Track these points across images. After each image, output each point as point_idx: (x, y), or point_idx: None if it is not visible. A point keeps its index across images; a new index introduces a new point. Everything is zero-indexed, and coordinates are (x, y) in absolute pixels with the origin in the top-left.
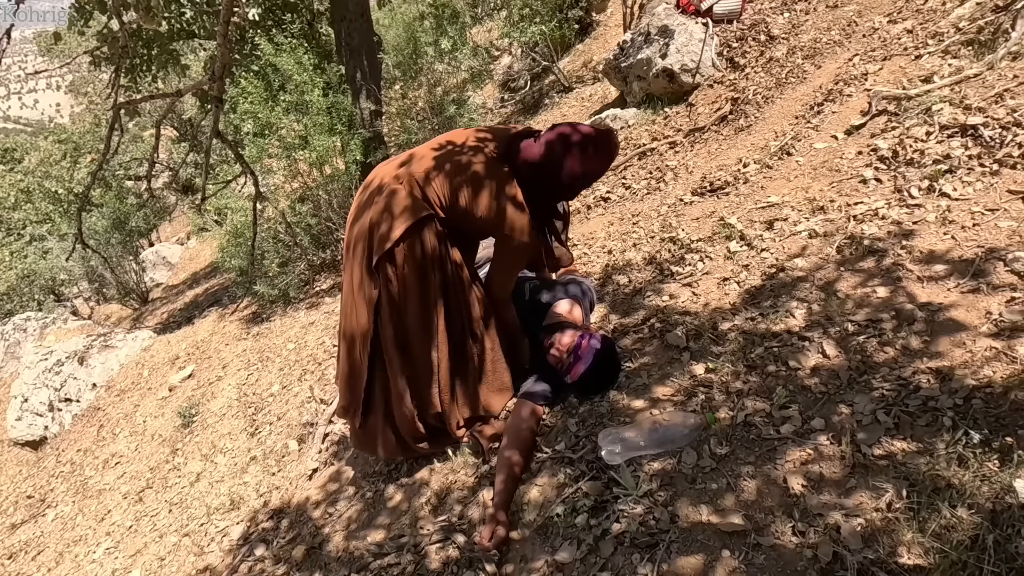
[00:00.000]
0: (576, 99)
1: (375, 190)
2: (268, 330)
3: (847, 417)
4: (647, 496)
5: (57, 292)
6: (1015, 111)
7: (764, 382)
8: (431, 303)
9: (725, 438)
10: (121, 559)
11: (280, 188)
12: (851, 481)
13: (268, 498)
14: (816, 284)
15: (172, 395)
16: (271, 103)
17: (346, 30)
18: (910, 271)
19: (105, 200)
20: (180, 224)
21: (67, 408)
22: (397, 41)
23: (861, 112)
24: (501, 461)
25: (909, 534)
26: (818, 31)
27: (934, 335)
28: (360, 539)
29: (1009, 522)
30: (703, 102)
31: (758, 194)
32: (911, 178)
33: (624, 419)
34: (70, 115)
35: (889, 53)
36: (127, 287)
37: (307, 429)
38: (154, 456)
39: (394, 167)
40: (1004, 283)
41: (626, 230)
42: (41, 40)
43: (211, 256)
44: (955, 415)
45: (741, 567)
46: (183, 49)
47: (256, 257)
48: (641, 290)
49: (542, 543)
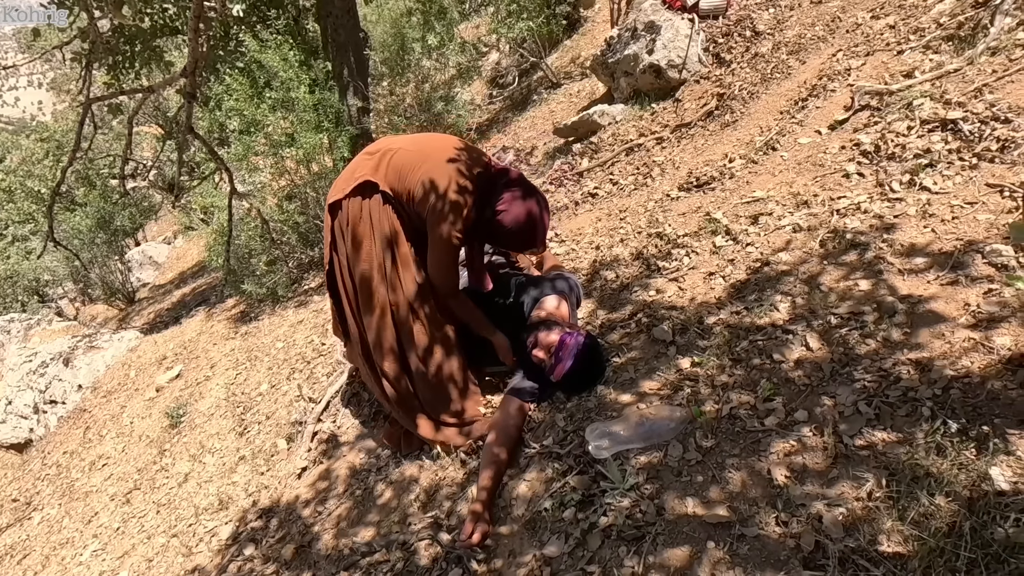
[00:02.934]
0: (564, 95)
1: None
2: (256, 329)
3: (830, 409)
4: (634, 489)
5: (41, 293)
6: (994, 106)
7: (749, 375)
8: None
9: (711, 431)
10: (109, 561)
11: (267, 186)
12: (833, 471)
13: (257, 497)
14: (800, 278)
15: (159, 395)
16: (257, 100)
17: (332, 26)
18: (891, 264)
19: (89, 199)
20: (167, 223)
21: (52, 410)
22: (384, 37)
23: (844, 107)
24: (488, 456)
25: (889, 522)
26: (803, 27)
27: (914, 327)
28: (350, 537)
29: (985, 509)
30: (690, 98)
31: (743, 189)
32: (893, 172)
33: (611, 413)
34: (52, 113)
35: (872, 49)
36: (112, 287)
37: (296, 428)
38: (141, 457)
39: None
40: (982, 275)
41: (613, 226)
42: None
43: (198, 255)
44: (934, 405)
45: (726, 558)
46: (167, 46)
47: (243, 256)
48: (628, 285)
49: (530, 537)
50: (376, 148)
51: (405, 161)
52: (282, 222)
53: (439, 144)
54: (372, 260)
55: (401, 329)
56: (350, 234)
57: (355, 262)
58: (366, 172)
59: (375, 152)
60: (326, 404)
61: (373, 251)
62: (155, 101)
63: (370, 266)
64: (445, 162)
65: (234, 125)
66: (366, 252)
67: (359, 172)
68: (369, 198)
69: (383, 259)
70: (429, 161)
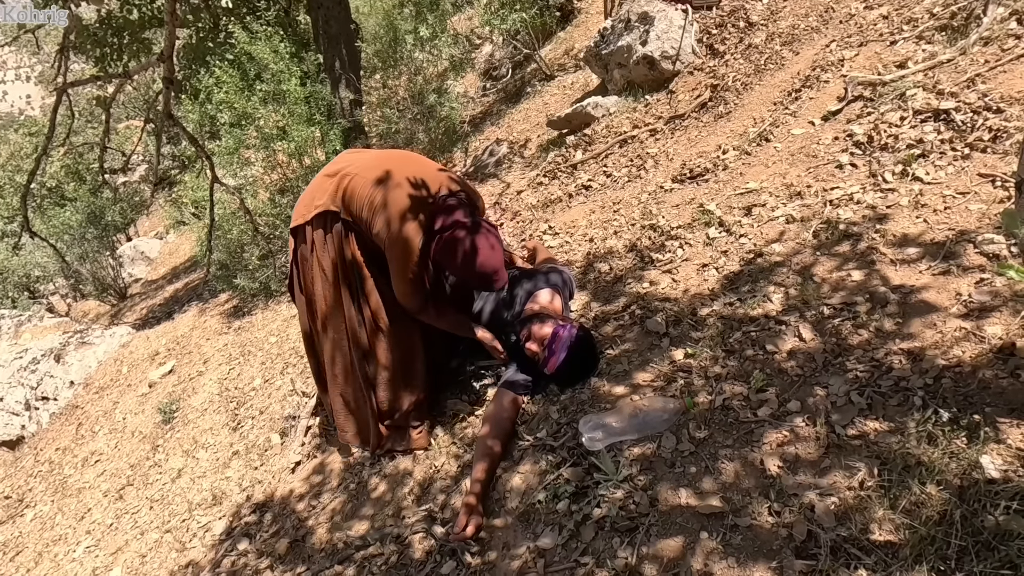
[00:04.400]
0: (558, 87)
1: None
2: (249, 324)
3: (822, 399)
4: (627, 481)
5: (32, 289)
6: (986, 96)
7: (742, 366)
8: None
9: (704, 422)
10: (102, 557)
11: (259, 180)
12: (825, 461)
13: (251, 492)
14: (793, 269)
15: (152, 391)
16: (247, 93)
17: (323, 18)
18: (884, 254)
19: (79, 194)
20: (158, 218)
21: (44, 407)
22: (376, 29)
23: (838, 98)
24: (482, 449)
25: (881, 511)
26: (796, 17)
27: (906, 317)
28: (344, 531)
29: (976, 497)
30: (683, 89)
31: (737, 180)
32: (885, 163)
33: (605, 405)
34: (41, 107)
35: (865, 39)
36: (104, 283)
37: (290, 422)
38: (134, 453)
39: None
40: (974, 264)
41: (607, 218)
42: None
43: (191, 250)
44: (925, 394)
45: (719, 548)
46: (155, 38)
47: (235, 250)
48: (622, 277)
49: (524, 529)
50: (335, 170)
51: (360, 189)
52: (274, 216)
53: (397, 167)
54: (330, 289)
55: (360, 353)
56: (314, 261)
57: (316, 288)
58: (325, 201)
59: (334, 174)
60: (319, 398)
61: (333, 279)
62: (145, 96)
63: (330, 294)
64: (399, 191)
65: (225, 118)
66: (325, 281)
67: (318, 200)
68: (330, 227)
69: (343, 287)
70: (383, 190)
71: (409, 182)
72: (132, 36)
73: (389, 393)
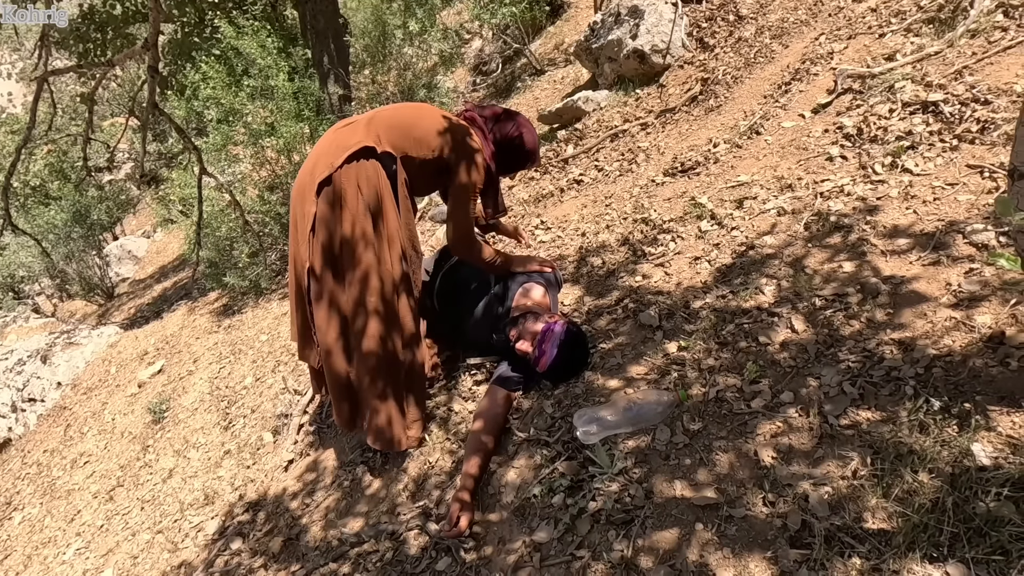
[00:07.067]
0: (548, 82)
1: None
2: (240, 322)
3: (815, 389)
4: (622, 474)
5: (16, 289)
6: (974, 87)
7: (735, 358)
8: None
9: (698, 414)
10: (92, 559)
11: (248, 176)
12: (819, 451)
13: (244, 491)
14: (785, 260)
15: (141, 391)
16: (235, 88)
17: (311, 12)
18: (875, 246)
19: (64, 192)
20: (145, 216)
21: (31, 408)
22: (365, 24)
23: (827, 91)
24: (474, 444)
25: (874, 500)
26: (785, 11)
27: (897, 307)
28: (338, 528)
29: (967, 484)
30: (674, 83)
31: (728, 173)
32: (875, 155)
33: (599, 399)
34: (23, 104)
35: (854, 32)
36: (91, 283)
37: (282, 420)
38: (124, 454)
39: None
40: (963, 255)
41: (599, 212)
42: None
43: (179, 248)
44: (917, 384)
45: (714, 539)
46: (140, 33)
47: (224, 247)
48: (615, 271)
49: (520, 524)
50: (350, 120)
51: (401, 117)
52: (263, 213)
53: (417, 104)
54: (357, 227)
55: (387, 306)
56: (339, 205)
57: (340, 228)
58: (359, 138)
59: (352, 122)
60: (312, 396)
61: (359, 216)
62: (130, 92)
63: (355, 233)
64: (440, 114)
65: (212, 114)
66: (352, 217)
67: (353, 139)
68: (362, 164)
69: (369, 228)
70: (426, 112)
71: (434, 107)
72: (116, 31)
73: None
